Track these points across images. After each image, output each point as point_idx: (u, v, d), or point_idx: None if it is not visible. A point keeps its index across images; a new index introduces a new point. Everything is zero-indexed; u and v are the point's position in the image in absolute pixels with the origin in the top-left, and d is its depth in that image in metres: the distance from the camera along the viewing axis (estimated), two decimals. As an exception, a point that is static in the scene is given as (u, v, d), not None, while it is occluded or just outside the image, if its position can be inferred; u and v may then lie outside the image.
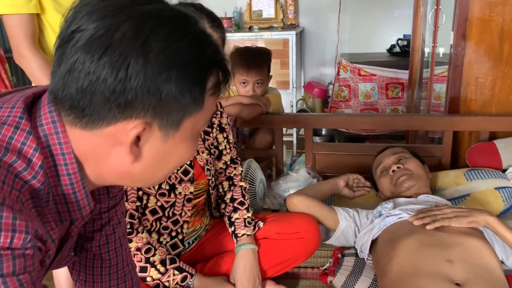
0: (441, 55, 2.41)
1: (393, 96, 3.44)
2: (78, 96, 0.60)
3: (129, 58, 0.58)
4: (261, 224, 1.55)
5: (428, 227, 1.37)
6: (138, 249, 1.33)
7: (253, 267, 1.46)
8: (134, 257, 1.32)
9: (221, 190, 1.62)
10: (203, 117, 0.68)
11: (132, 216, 1.34)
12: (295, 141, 3.62)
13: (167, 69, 0.60)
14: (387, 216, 1.52)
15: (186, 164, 1.44)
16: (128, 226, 1.32)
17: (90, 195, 0.71)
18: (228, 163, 1.61)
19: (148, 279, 1.34)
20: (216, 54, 0.67)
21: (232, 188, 1.61)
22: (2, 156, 0.61)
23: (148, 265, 1.33)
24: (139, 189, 1.36)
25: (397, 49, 3.63)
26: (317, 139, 3.61)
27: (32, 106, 0.68)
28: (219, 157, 1.60)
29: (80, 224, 0.78)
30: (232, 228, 1.54)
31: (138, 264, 1.32)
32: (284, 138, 2.93)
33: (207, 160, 1.52)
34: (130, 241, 1.32)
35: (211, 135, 1.55)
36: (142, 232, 1.35)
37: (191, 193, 1.46)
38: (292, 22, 3.86)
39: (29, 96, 0.68)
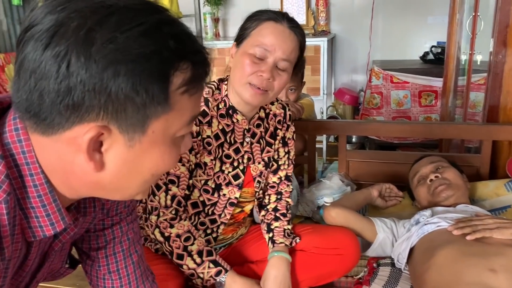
0: (478, 63, 2.36)
1: (426, 104, 3.38)
2: (29, 97, 0.55)
3: (70, 53, 0.52)
4: (298, 239, 1.52)
5: (468, 237, 1.34)
6: (178, 236, 1.32)
7: (285, 277, 1.43)
8: (173, 243, 1.31)
9: (266, 200, 1.59)
10: (177, 119, 0.60)
11: (179, 203, 1.33)
12: (324, 148, 3.60)
13: (113, 64, 0.52)
14: (425, 224, 1.49)
15: (239, 168, 1.42)
16: (173, 212, 1.32)
17: (65, 210, 0.65)
18: (283, 179, 1.58)
19: (184, 267, 1.33)
20: (184, 44, 0.58)
21: (278, 201, 1.58)
22: None
23: (185, 253, 1.32)
24: (189, 178, 1.35)
25: (430, 56, 3.57)
26: (347, 146, 3.58)
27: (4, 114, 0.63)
28: (275, 171, 1.56)
29: (66, 239, 0.74)
30: (270, 234, 1.51)
31: (175, 251, 1.32)
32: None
33: (261, 172, 1.49)
34: (172, 226, 1.31)
35: (273, 147, 1.51)
36: (185, 220, 1.34)
37: (236, 198, 1.44)
38: (324, 29, 3.84)
39: (2, 103, 0.64)
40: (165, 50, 0.55)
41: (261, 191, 1.55)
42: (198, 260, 1.33)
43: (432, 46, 3.57)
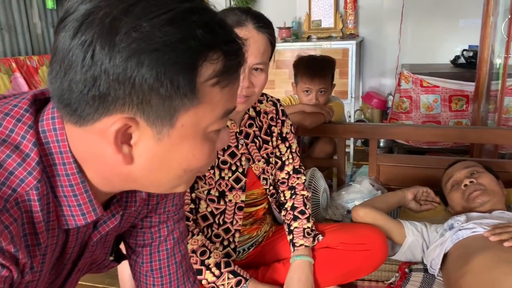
0: (514, 67, 2.31)
1: (457, 109, 3.32)
2: (61, 87, 0.55)
3: (95, 42, 0.51)
4: (320, 237, 1.51)
5: (506, 244, 1.31)
6: (193, 251, 1.33)
7: (308, 279, 1.43)
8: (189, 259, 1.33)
9: (282, 198, 1.59)
10: (208, 113, 0.58)
11: (187, 219, 1.33)
12: (352, 152, 3.57)
13: (137, 53, 0.51)
14: (460, 230, 1.46)
15: (239, 172, 1.41)
16: None
17: (97, 201, 0.65)
18: (291, 173, 1.57)
19: (204, 281, 1.33)
20: (214, 33, 0.55)
21: (293, 197, 1.57)
22: None
23: (203, 267, 1.33)
24: (191, 192, 1.35)
25: (461, 60, 3.50)
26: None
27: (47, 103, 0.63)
28: (281, 168, 1.56)
29: (106, 231, 0.74)
30: (291, 237, 1.51)
31: (193, 266, 1.32)
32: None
33: (263, 169, 1.49)
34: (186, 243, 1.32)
35: (270, 143, 1.51)
36: (198, 235, 1.35)
37: (242, 201, 1.43)
38: (352, 32, 3.82)
39: (45, 92, 0.64)
40: (192, 39, 0.53)
41: (271, 187, 1.54)
42: (216, 272, 1.33)
43: (464, 50, 3.51)
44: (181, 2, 0.54)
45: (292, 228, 1.52)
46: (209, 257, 1.34)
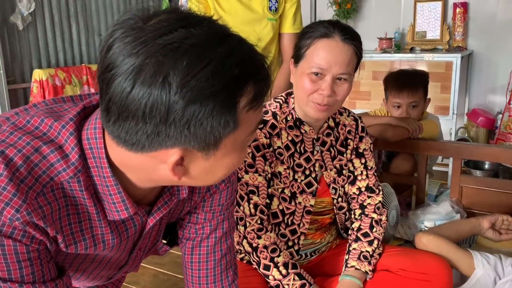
0: None
1: None
2: (120, 131, 0.65)
3: (152, 98, 0.60)
4: (369, 276, 1.45)
5: None
6: (265, 247, 1.37)
7: None
8: (260, 253, 1.37)
9: (352, 216, 1.58)
10: (243, 132, 0.69)
11: (262, 212, 1.38)
12: (450, 172, 3.33)
13: (189, 104, 0.61)
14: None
15: (311, 177, 1.45)
16: (259, 222, 1.37)
17: (129, 201, 0.76)
18: (363, 190, 1.55)
19: (270, 278, 1.38)
20: (246, 68, 0.64)
21: (362, 217, 1.55)
22: (44, 144, 0.70)
23: (271, 264, 1.37)
24: (268, 187, 1.40)
25: None
26: (477, 173, 3.28)
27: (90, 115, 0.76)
28: (353, 182, 1.55)
29: (160, 216, 0.84)
30: (347, 256, 1.50)
31: (263, 262, 1.37)
32: (436, 168, 2.73)
33: (334, 179, 1.50)
34: (259, 237, 1.37)
35: (344, 155, 1.52)
36: (271, 231, 1.39)
37: (311, 205, 1.46)
38: (460, 44, 3.58)
39: (93, 101, 0.77)
40: (232, 82, 0.63)
41: (339, 199, 1.53)
42: (284, 271, 1.37)
43: None
44: (215, 48, 0.62)
45: (351, 248, 1.51)
46: (279, 255, 1.38)
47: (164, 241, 0.98)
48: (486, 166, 3.37)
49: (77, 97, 0.81)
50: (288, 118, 1.44)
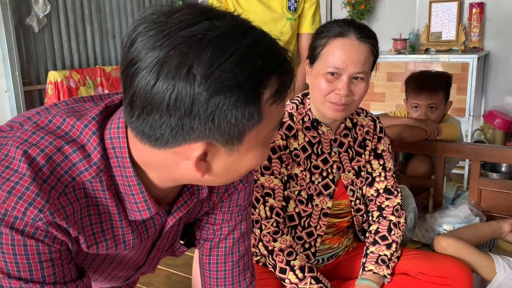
0: None
1: None
2: (143, 126, 0.64)
3: (176, 90, 0.60)
4: (387, 280, 1.43)
5: None
6: (281, 250, 1.35)
7: None
8: (276, 257, 1.35)
9: (370, 218, 1.55)
10: (267, 126, 0.68)
11: (278, 214, 1.36)
12: (466, 175, 3.29)
13: (213, 95, 0.60)
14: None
15: (329, 178, 1.43)
16: (275, 225, 1.36)
17: (152, 201, 0.75)
18: (381, 191, 1.52)
19: (286, 281, 1.36)
20: (269, 60, 0.64)
21: (380, 219, 1.53)
22: (66, 143, 0.69)
23: (288, 267, 1.35)
24: (284, 189, 1.38)
25: None
26: (494, 175, 3.23)
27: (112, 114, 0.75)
28: (371, 184, 1.53)
29: (179, 216, 0.84)
30: (364, 260, 1.47)
31: (279, 265, 1.35)
32: (455, 170, 2.68)
33: (352, 181, 1.48)
34: (275, 240, 1.35)
35: (362, 156, 1.50)
36: (287, 234, 1.38)
37: (328, 208, 1.44)
38: (476, 45, 3.54)
39: (114, 100, 0.76)
40: (255, 74, 0.62)
41: (357, 201, 1.50)
42: (300, 275, 1.35)
43: None
44: (239, 39, 0.62)
45: (368, 251, 1.48)
46: (295, 259, 1.36)
47: (182, 242, 0.97)
48: (503, 169, 3.33)
49: (97, 97, 0.81)
50: (305, 119, 1.42)
